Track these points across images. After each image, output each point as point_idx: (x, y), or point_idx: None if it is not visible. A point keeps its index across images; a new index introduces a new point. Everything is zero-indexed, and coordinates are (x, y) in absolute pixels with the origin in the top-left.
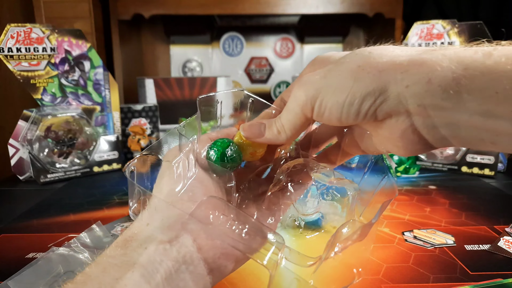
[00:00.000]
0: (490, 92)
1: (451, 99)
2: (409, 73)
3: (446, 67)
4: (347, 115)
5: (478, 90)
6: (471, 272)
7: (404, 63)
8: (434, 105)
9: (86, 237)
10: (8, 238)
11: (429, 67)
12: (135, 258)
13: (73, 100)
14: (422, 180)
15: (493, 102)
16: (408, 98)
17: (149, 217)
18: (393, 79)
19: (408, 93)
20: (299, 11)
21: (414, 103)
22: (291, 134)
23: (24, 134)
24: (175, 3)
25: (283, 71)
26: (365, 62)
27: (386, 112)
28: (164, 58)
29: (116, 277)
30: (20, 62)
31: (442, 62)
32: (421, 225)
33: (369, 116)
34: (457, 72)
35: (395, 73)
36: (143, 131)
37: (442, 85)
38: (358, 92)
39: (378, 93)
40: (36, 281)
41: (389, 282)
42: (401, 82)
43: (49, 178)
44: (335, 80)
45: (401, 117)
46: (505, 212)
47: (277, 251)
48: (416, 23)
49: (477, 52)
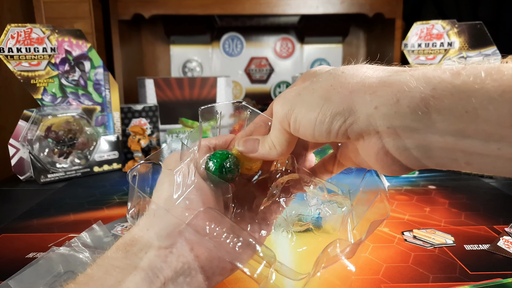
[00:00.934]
0: (460, 112)
1: (420, 120)
2: (378, 94)
3: (414, 88)
4: (319, 133)
5: (447, 110)
6: (470, 272)
7: (373, 84)
8: (403, 127)
9: (87, 236)
10: (8, 238)
11: (397, 88)
12: (136, 262)
13: (73, 100)
14: (421, 180)
15: (463, 122)
16: (378, 119)
17: (149, 223)
18: (363, 100)
19: (377, 114)
20: (299, 11)
21: (383, 124)
22: (281, 150)
23: (24, 134)
24: (175, 3)
25: (283, 71)
26: (337, 82)
27: (357, 133)
28: (164, 58)
29: (118, 280)
30: (20, 62)
31: (410, 82)
32: (421, 225)
33: (340, 135)
34: (425, 92)
35: (365, 94)
36: (143, 131)
37: (410, 106)
38: (329, 111)
39: (347, 113)
40: (37, 281)
41: (388, 282)
42: (370, 103)
43: (49, 178)
44: (308, 98)
45: (372, 139)
46: (505, 212)
47: (268, 265)
48: (415, 23)
49: (445, 72)
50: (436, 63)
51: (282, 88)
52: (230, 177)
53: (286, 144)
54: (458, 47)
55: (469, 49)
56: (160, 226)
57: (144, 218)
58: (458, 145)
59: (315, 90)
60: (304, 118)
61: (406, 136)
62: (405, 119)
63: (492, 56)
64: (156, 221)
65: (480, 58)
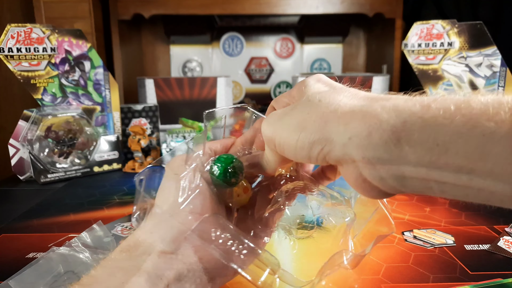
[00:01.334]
0: (430, 145)
1: (392, 151)
2: (350, 126)
3: (385, 121)
4: (301, 157)
5: (418, 143)
6: (471, 272)
7: (347, 115)
8: (377, 158)
9: (87, 236)
10: (8, 238)
11: (369, 121)
12: (139, 264)
13: (73, 100)
14: None
15: (434, 155)
16: (352, 149)
17: (153, 226)
18: (337, 130)
19: (351, 145)
20: (299, 11)
21: (358, 154)
22: (275, 166)
23: (24, 134)
24: (175, 3)
25: (283, 71)
26: (313, 111)
27: (334, 160)
28: (164, 58)
29: (122, 281)
30: (20, 62)
31: (381, 115)
32: (421, 225)
33: (320, 161)
34: (396, 126)
35: (338, 125)
36: (143, 131)
37: (382, 139)
38: (306, 139)
39: (324, 141)
40: (37, 281)
41: (389, 282)
42: (344, 134)
43: (49, 178)
44: (287, 124)
45: (350, 167)
46: (505, 212)
47: (272, 272)
48: (416, 23)
49: (415, 105)
50: (436, 63)
51: (282, 88)
52: (234, 182)
53: (279, 162)
54: (458, 47)
55: (469, 49)
56: (165, 231)
57: (149, 221)
58: (430, 176)
59: (293, 117)
60: (285, 143)
61: (380, 166)
62: (378, 151)
63: (492, 56)
64: (161, 225)
65: (480, 58)
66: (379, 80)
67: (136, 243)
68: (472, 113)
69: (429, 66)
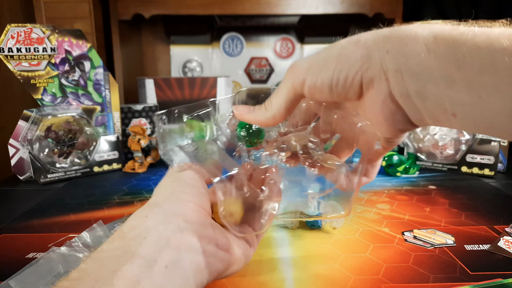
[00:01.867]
0: (452, 59)
1: (422, 63)
2: (389, 39)
3: (420, 34)
4: (337, 82)
5: (442, 55)
6: (471, 272)
7: (386, 33)
8: (408, 70)
9: (87, 236)
10: (8, 238)
11: (406, 34)
12: (133, 248)
13: (73, 100)
14: (422, 180)
15: (453, 68)
16: (388, 62)
17: (149, 210)
18: (377, 46)
19: (388, 57)
20: (299, 11)
21: (392, 68)
22: (276, 111)
23: (24, 134)
24: (175, 3)
25: (283, 71)
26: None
27: (369, 78)
28: (164, 58)
29: (114, 269)
30: (20, 62)
31: (417, 30)
32: (421, 225)
33: (356, 82)
34: (428, 38)
35: (379, 41)
36: (143, 131)
37: (416, 50)
38: (347, 57)
39: (364, 58)
40: (37, 281)
41: (389, 282)
42: (383, 48)
43: (49, 178)
44: (325, 53)
45: (381, 85)
46: (505, 212)
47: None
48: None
49: (447, 25)
50: None
51: None
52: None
53: (284, 106)
54: None
55: None
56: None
57: (145, 207)
58: (447, 92)
59: (330, 47)
60: (322, 69)
61: (409, 81)
62: (409, 61)
63: None
64: (158, 208)
65: None
66: None
67: (129, 228)
68: (491, 34)
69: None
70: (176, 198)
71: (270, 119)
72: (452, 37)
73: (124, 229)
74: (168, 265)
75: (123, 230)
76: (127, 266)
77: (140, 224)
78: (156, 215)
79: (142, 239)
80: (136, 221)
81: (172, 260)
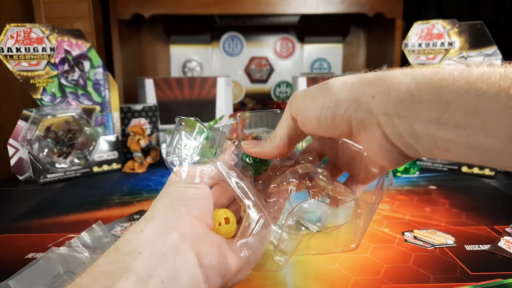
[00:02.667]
0: (436, 103)
1: (407, 108)
2: (374, 85)
3: (402, 81)
4: (325, 117)
5: (427, 100)
6: (471, 272)
7: (370, 79)
8: (396, 114)
9: (87, 236)
10: (8, 238)
11: (389, 81)
12: (128, 263)
13: (72, 100)
14: (422, 180)
15: (439, 111)
16: (376, 107)
17: (144, 224)
18: (362, 90)
19: (374, 102)
20: (299, 11)
21: (381, 112)
22: (280, 141)
23: (23, 134)
24: (175, 3)
25: (283, 71)
26: (338, 79)
27: (359, 120)
28: (164, 58)
29: (108, 285)
30: (19, 62)
31: (399, 77)
32: (421, 225)
33: (344, 121)
34: (411, 85)
35: (363, 85)
36: (143, 131)
37: (399, 96)
38: (334, 97)
39: (351, 100)
40: (36, 281)
41: (389, 282)
42: (368, 93)
43: (48, 178)
44: (315, 89)
45: (374, 127)
46: (505, 212)
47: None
48: (416, 23)
49: (427, 71)
50: (436, 63)
51: (282, 88)
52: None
53: (288, 136)
54: (458, 47)
55: (469, 49)
56: (159, 226)
57: (140, 221)
58: (438, 133)
59: (320, 85)
60: (313, 103)
61: (399, 123)
62: (396, 108)
63: (493, 55)
64: (154, 221)
65: (481, 58)
66: None
67: (124, 242)
68: (471, 78)
69: (429, 66)
70: (172, 211)
71: (275, 150)
72: (433, 83)
73: (119, 243)
74: (164, 280)
75: (118, 244)
76: (122, 281)
77: (135, 238)
78: (151, 229)
79: (137, 254)
80: (131, 235)
81: (168, 276)
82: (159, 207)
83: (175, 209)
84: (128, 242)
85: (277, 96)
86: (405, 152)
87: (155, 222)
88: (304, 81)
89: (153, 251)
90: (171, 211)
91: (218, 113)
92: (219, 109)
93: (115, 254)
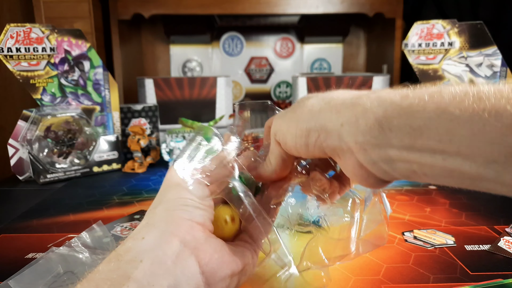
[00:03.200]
0: (407, 129)
1: (377, 136)
2: (341, 114)
3: (369, 109)
4: (300, 146)
5: (397, 128)
6: (471, 272)
7: (338, 105)
8: (367, 142)
9: (87, 236)
10: (8, 238)
11: (356, 109)
12: (129, 272)
13: (72, 100)
14: None
15: (412, 138)
16: (345, 135)
17: (146, 232)
18: (330, 118)
19: (344, 131)
20: (299, 11)
21: (351, 140)
22: (276, 166)
23: (23, 134)
24: (175, 3)
25: (283, 71)
26: (309, 104)
27: (331, 148)
28: (164, 58)
29: None
30: (19, 62)
31: (366, 104)
32: (421, 225)
33: (317, 149)
34: (378, 113)
35: (331, 113)
36: (143, 131)
37: (368, 125)
38: (304, 126)
39: (319, 129)
40: (36, 281)
41: (389, 282)
42: (336, 121)
43: (48, 178)
44: (288, 116)
45: (346, 154)
46: (505, 212)
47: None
48: (416, 23)
49: (396, 95)
50: (436, 63)
51: (282, 88)
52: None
53: (281, 160)
54: (458, 47)
55: (469, 49)
56: (160, 232)
57: (141, 228)
58: (412, 158)
59: (293, 111)
60: (288, 132)
61: (371, 150)
62: (366, 136)
63: (493, 55)
64: (155, 229)
65: (481, 58)
66: (379, 80)
67: (126, 250)
68: (442, 102)
69: (429, 66)
70: (173, 217)
71: (274, 175)
72: (402, 109)
73: (121, 250)
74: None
75: (119, 251)
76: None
77: (136, 246)
78: (153, 237)
79: (138, 262)
80: (132, 243)
81: (169, 284)
82: (160, 213)
83: (176, 215)
84: (130, 250)
85: (277, 96)
86: (380, 177)
87: (156, 230)
88: (304, 81)
89: (154, 259)
90: (172, 218)
91: (218, 113)
92: (219, 109)
93: (116, 262)
